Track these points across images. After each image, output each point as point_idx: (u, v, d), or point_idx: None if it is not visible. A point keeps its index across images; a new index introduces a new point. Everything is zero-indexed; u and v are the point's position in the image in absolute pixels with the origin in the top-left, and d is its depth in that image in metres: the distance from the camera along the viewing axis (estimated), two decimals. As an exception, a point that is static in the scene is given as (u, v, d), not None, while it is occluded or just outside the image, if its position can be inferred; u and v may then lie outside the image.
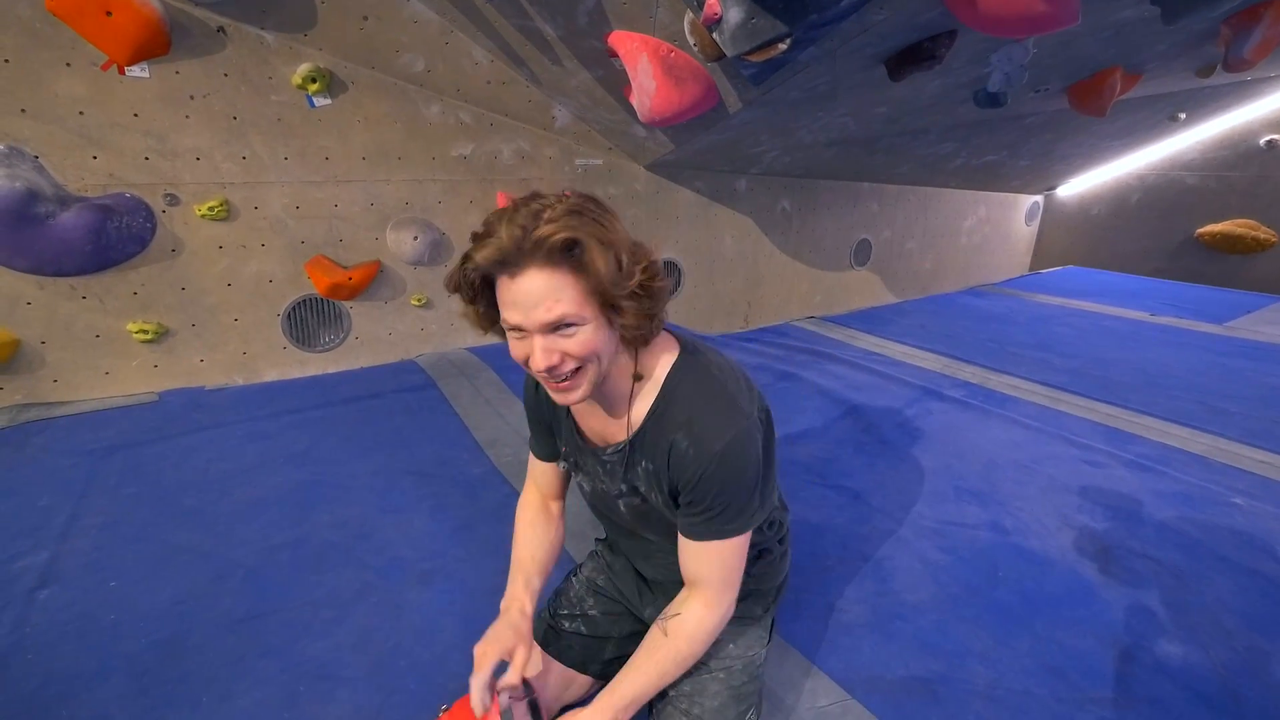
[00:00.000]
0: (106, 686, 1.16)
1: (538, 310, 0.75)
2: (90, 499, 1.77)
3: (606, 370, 0.83)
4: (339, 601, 1.40)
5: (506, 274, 0.75)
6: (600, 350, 0.80)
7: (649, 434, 0.89)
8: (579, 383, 0.81)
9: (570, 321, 0.76)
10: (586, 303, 0.76)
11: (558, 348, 0.77)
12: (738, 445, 0.85)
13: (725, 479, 0.85)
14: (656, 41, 2.17)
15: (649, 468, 0.91)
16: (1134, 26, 2.54)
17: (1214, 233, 5.29)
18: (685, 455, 0.85)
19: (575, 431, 1.00)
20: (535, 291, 0.74)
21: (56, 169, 2.17)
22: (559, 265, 0.74)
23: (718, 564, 0.90)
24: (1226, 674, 1.23)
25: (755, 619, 1.07)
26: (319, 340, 2.85)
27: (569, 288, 0.75)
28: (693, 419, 0.85)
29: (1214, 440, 2.24)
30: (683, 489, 0.87)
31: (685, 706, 0.95)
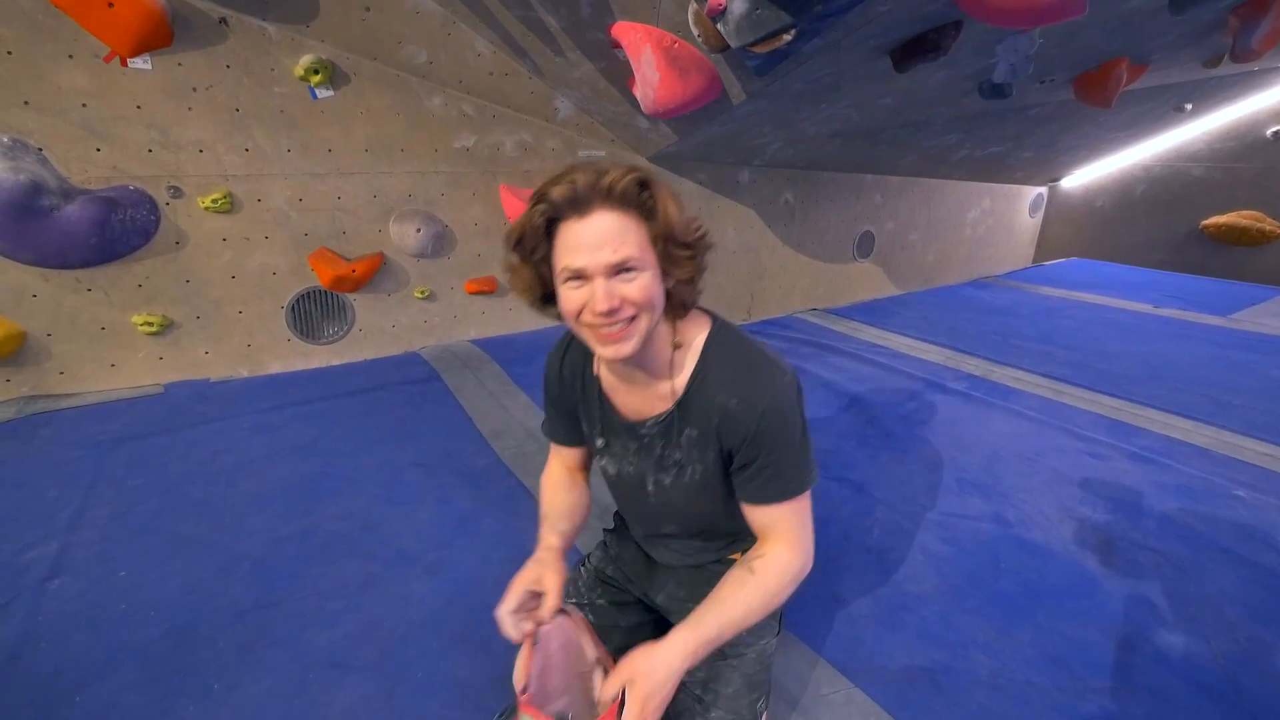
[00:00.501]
0: (118, 675, 1.18)
1: (603, 251, 0.78)
2: (98, 490, 1.78)
3: (654, 328, 0.85)
4: (346, 592, 1.42)
5: (575, 214, 0.79)
6: (655, 300, 0.83)
7: (693, 400, 0.91)
8: (633, 332, 0.82)
9: (632, 265, 0.79)
10: (648, 249, 0.81)
11: (618, 292, 0.79)
12: (783, 401, 0.89)
13: (776, 435, 0.88)
14: (660, 32, 2.15)
15: (693, 435, 0.92)
16: (1141, 17, 2.52)
17: (1219, 224, 5.26)
18: (735, 415, 0.87)
19: (608, 410, 1.00)
20: (603, 232, 0.78)
21: (60, 161, 2.17)
22: (628, 209, 0.79)
23: (787, 520, 0.92)
24: (1228, 665, 1.24)
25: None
26: (323, 332, 2.86)
27: (634, 231, 0.80)
28: (737, 379, 0.89)
29: (1217, 433, 2.24)
30: (737, 451, 0.90)
31: (699, 694, 0.96)
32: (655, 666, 0.82)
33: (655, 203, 0.81)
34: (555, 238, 0.81)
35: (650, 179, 0.81)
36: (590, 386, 1.01)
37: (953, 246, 5.73)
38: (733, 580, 0.91)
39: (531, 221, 0.81)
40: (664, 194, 0.82)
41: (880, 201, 4.93)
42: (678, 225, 0.82)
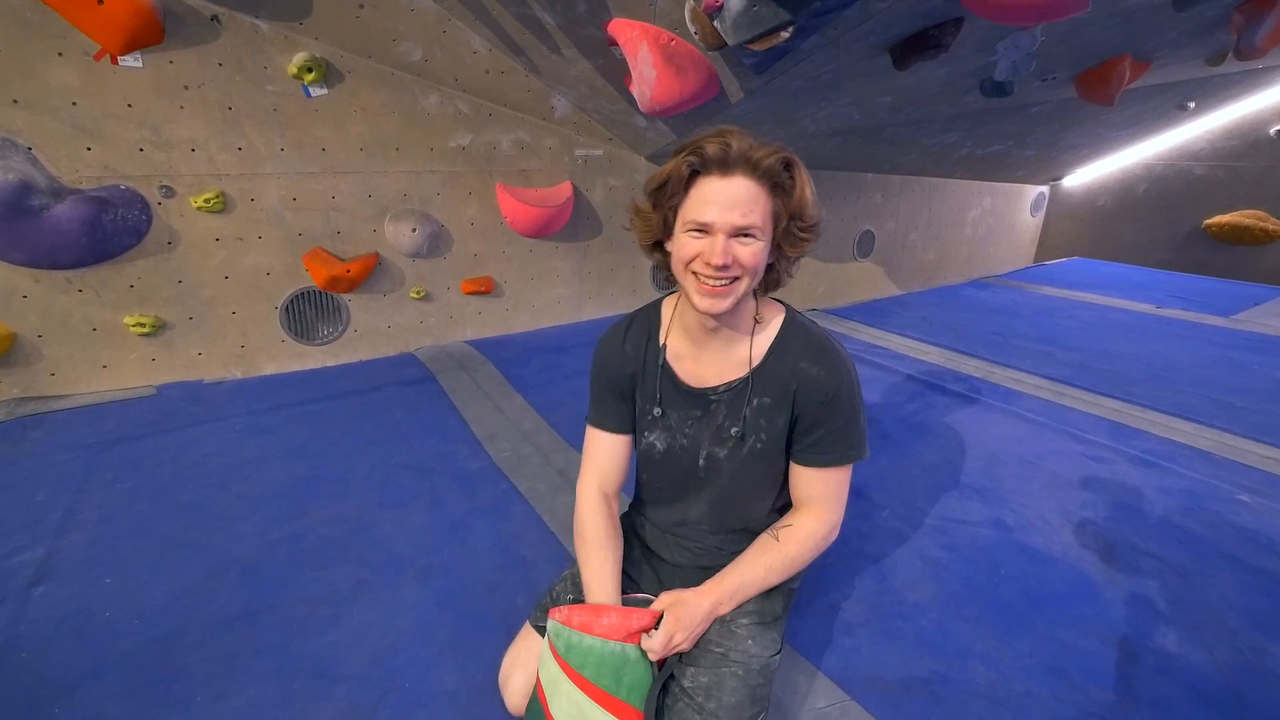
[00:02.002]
0: (101, 685, 1.16)
1: (734, 213, 0.88)
2: (87, 493, 1.76)
3: (748, 295, 0.96)
4: (336, 598, 1.39)
5: (719, 172, 0.88)
6: (758, 269, 0.93)
7: (771, 367, 1.01)
8: (732, 291, 0.92)
9: (753, 233, 0.89)
10: (769, 223, 0.92)
11: (733, 251, 0.89)
12: (853, 375, 1.02)
13: (848, 403, 1.00)
14: (657, 30, 2.13)
15: (765, 402, 1.01)
16: (1144, 13, 2.49)
17: (1222, 224, 5.23)
18: (818, 380, 0.98)
19: (672, 378, 1.07)
20: (739, 195, 0.88)
21: (50, 161, 2.14)
22: (765, 182, 0.89)
23: (832, 485, 1.04)
24: (1230, 674, 1.21)
25: (775, 619, 1.07)
26: (317, 333, 2.83)
27: (764, 203, 0.90)
28: (817, 351, 1.00)
29: (1220, 435, 2.21)
30: (808, 414, 1.00)
31: (702, 701, 0.94)
32: (688, 600, 0.97)
33: (794, 184, 0.91)
34: (691, 189, 0.91)
35: (795, 161, 0.91)
36: (654, 356, 1.08)
37: (953, 246, 5.71)
38: (758, 545, 1.05)
39: (679, 170, 0.90)
40: (802, 178, 0.91)
41: (880, 200, 4.90)
42: (808, 207, 0.92)
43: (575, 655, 0.92)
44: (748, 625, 1.02)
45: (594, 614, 0.95)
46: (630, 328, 1.12)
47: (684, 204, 0.92)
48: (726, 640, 1.00)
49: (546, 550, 1.56)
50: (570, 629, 0.94)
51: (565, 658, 0.93)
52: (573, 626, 0.94)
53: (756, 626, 1.03)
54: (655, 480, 1.16)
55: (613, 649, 0.92)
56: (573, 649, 0.93)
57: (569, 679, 0.91)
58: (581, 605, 0.98)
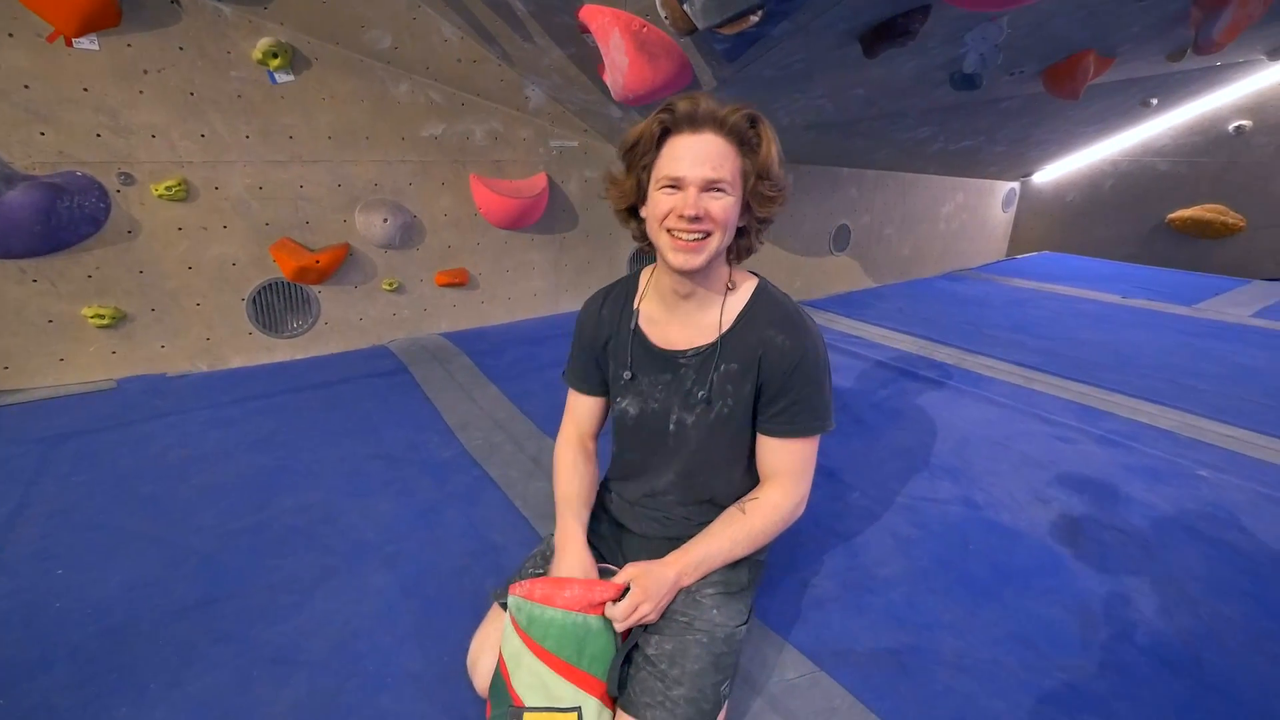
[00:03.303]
0: (49, 675, 1.11)
1: (703, 167, 0.91)
2: (40, 487, 1.70)
3: (720, 253, 0.98)
4: (299, 586, 1.36)
5: (689, 129, 0.92)
6: (730, 224, 0.96)
7: (739, 334, 1.03)
8: (704, 248, 0.95)
9: (722, 187, 0.93)
10: (739, 180, 0.95)
11: (705, 205, 0.92)
12: (820, 347, 1.03)
13: (812, 374, 1.01)
14: (628, 16, 2.12)
15: (732, 368, 1.03)
16: (1107, 7, 2.55)
17: (1185, 218, 5.37)
18: (783, 348, 1.00)
19: (644, 341, 1.09)
20: (708, 151, 0.92)
21: (1, 146, 2.07)
22: (733, 139, 0.93)
23: (797, 458, 1.04)
24: (1190, 640, 1.24)
25: (741, 589, 1.08)
26: (286, 326, 2.78)
27: (732, 160, 0.93)
28: (784, 320, 1.02)
29: (1182, 416, 2.27)
30: (774, 382, 1.01)
31: (665, 668, 0.93)
32: (653, 571, 0.98)
33: (759, 140, 0.94)
34: (663, 148, 0.94)
35: (760, 118, 0.94)
36: (628, 320, 1.11)
37: (927, 240, 5.78)
38: (724, 518, 1.06)
39: (650, 128, 0.94)
40: (768, 135, 0.94)
41: (856, 195, 4.95)
42: (774, 165, 0.95)
43: (537, 628, 0.91)
44: (713, 595, 1.02)
45: (556, 586, 0.94)
46: (610, 294, 1.17)
47: (656, 162, 0.96)
48: (691, 609, 1.00)
49: (518, 534, 1.54)
50: (532, 602, 0.92)
51: (527, 630, 0.91)
52: (534, 599, 0.92)
53: (722, 596, 1.03)
54: (627, 450, 1.17)
55: (575, 620, 0.91)
56: (534, 621, 0.91)
57: (531, 652, 0.90)
58: (544, 579, 0.96)
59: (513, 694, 0.89)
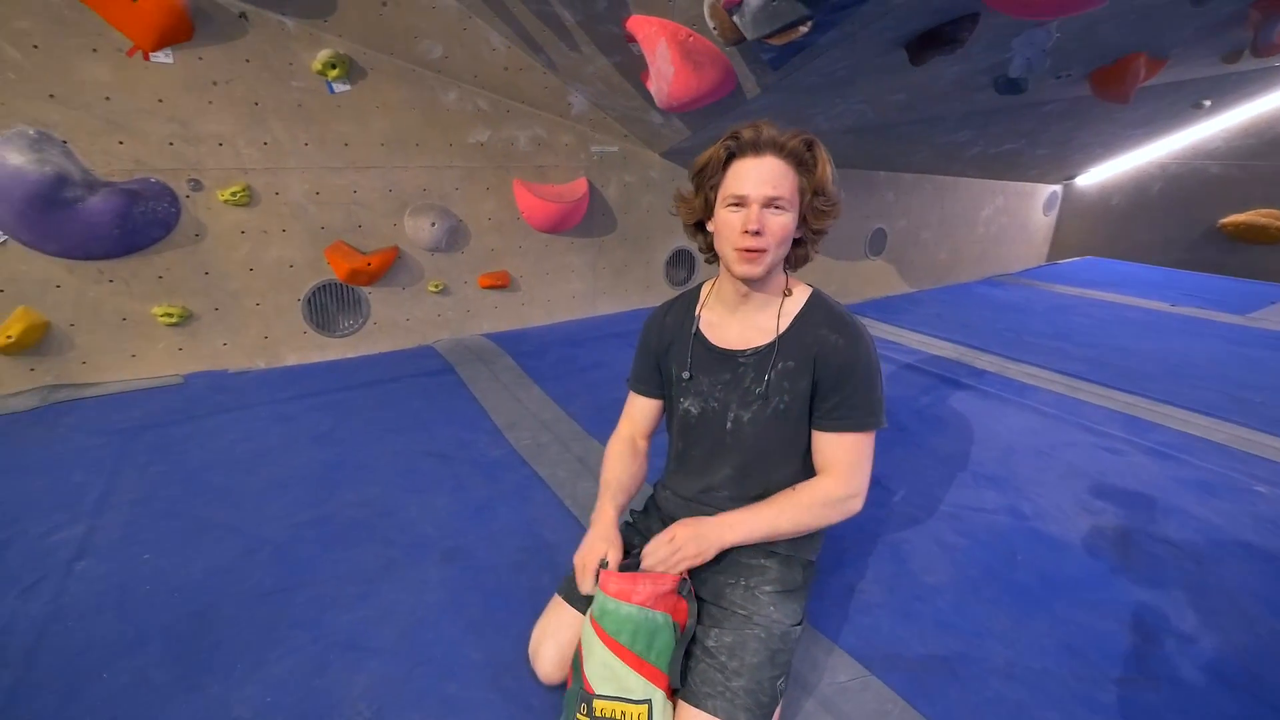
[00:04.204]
0: (145, 653, 1.20)
1: (765, 185, 1.01)
2: (121, 476, 1.81)
3: (778, 263, 1.08)
4: (364, 577, 1.43)
5: (753, 154, 1.02)
6: (786, 239, 1.06)
7: (795, 334, 1.11)
8: (764, 259, 1.04)
9: (781, 205, 1.02)
10: (796, 198, 1.04)
11: (765, 220, 1.03)
12: (872, 347, 1.10)
13: (866, 370, 1.08)
14: (675, 26, 2.16)
15: (788, 366, 1.10)
16: (1160, 10, 2.50)
17: (1237, 223, 5.20)
18: (836, 346, 1.08)
19: (705, 344, 1.17)
20: (769, 171, 1.02)
21: (84, 154, 2.20)
22: (791, 162, 1.03)
23: (852, 451, 1.10)
24: (1247, 656, 1.23)
25: (796, 588, 1.12)
26: (338, 325, 2.88)
27: (791, 180, 1.03)
28: (838, 322, 1.10)
29: (1236, 429, 2.22)
30: (828, 379, 1.08)
31: (725, 660, 0.98)
32: (699, 521, 1.08)
33: (815, 161, 1.04)
34: (728, 170, 1.04)
35: (816, 141, 1.04)
36: (689, 325, 1.20)
37: (966, 244, 5.70)
38: (775, 497, 1.12)
39: (717, 153, 1.05)
40: (823, 156, 1.04)
41: (892, 199, 4.91)
42: (828, 183, 1.05)
43: (610, 621, 0.96)
44: (770, 592, 1.08)
45: (630, 582, 0.99)
46: (674, 304, 1.27)
47: (723, 183, 1.06)
48: (750, 604, 1.05)
49: (569, 534, 1.59)
50: (606, 595, 0.98)
51: (600, 622, 0.96)
52: (609, 593, 0.98)
53: (779, 595, 1.09)
54: (689, 448, 1.22)
55: (647, 616, 0.96)
56: (607, 615, 0.96)
57: (603, 643, 0.95)
58: (618, 573, 1.01)
59: (585, 679, 0.94)
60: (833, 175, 1.06)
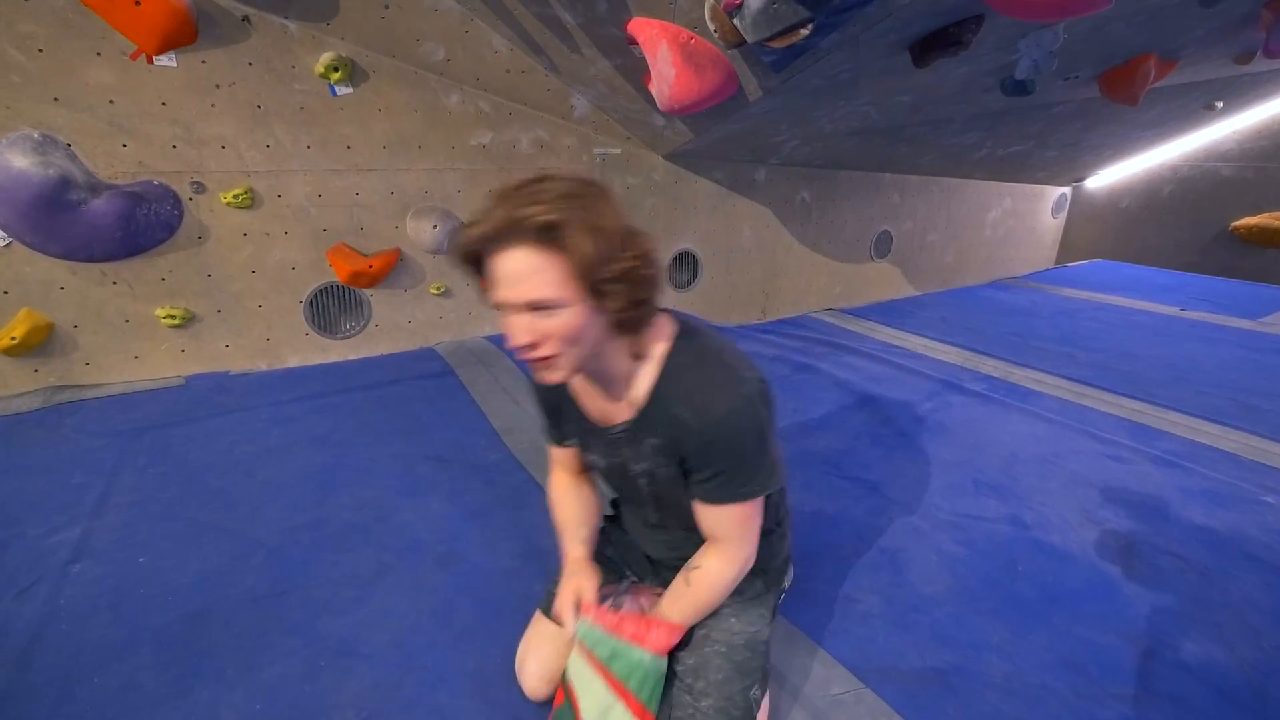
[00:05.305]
0: (137, 657, 1.20)
1: (518, 288, 0.77)
2: (120, 477, 1.82)
3: (594, 353, 0.85)
4: (359, 581, 1.43)
5: (494, 251, 0.78)
6: (582, 335, 0.81)
7: (652, 411, 0.92)
8: (559, 364, 0.83)
9: (548, 305, 0.78)
10: (568, 285, 0.77)
11: (539, 328, 0.79)
12: (738, 412, 0.88)
13: (730, 444, 0.88)
14: (676, 28, 2.15)
15: (655, 443, 0.94)
16: (1170, 10, 2.46)
17: (1250, 226, 5.12)
18: (689, 426, 0.88)
19: (580, 412, 1.03)
20: (516, 270, 0.77)
21: (88, 156, 2.22)
22: (542, 246, 0.75)
23: (735, 525, 0.95)
24: (1253, 673, 1.20)
25: (757, 596, 1.09)
26: (340, 327, 2.89)
27: (551, 269, 0.76)
28: (693, 391, 0.88)
29: (1245, 437, 2.18)
30: (690, 458, 0.91)
31: (691, 681, 0.97)
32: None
33: (566, 241, 0.75)
34: (485, 268, 0.81)
35: (559, 219, 0.74)
36: (565, 388, 1.02)
37: (972, 247, 5.65)
38: (673, 592, 1.01)
39: (461, 253, 0.82)
40: (578, 233, 0.75)
41: (898, 201, 4.87)
42: (596, 261, 0.76)
43: (620, 664, 0.94)
44: (730, 604, 1.04)
45: (646, 627, 0.97)
46: None
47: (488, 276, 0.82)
48: (710, 620, 1.03)
49: (564, 539, 1.58)
50: (618, 639, 0.96)
51: (608, 664, 0.94)
52: (625, 636, 0.96)
53: (739, 604, 1.05)
54: (612, 487, 1.14)
55: (661, 664, 0.95)
56: (618, 657, 0.94)
57: (610, 687, 0.94)
58: (629, 615, 1.00)
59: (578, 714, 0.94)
60: (597, 253, 0.76)
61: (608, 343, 0.86)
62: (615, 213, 0.80)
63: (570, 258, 0.76)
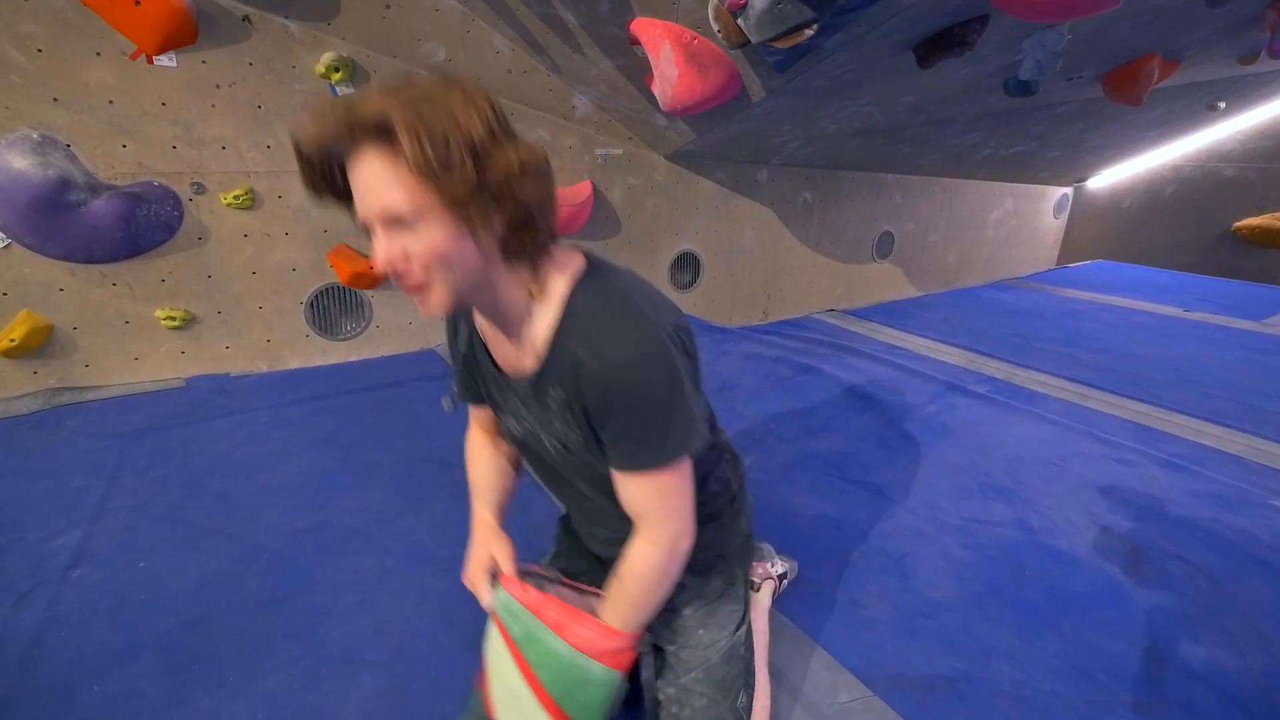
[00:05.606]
0: (137, 664, 1.19)
1: (366, 199, 0.66)
2: (120, 481, 1.81)
3: (478, 283, 0.73)
4: (361, 586, 1.42)
5: (345, 160, 0.67)
6: (453, 257, 0.68)
7: (553, 357, 0.79)
8: (433, 293, 0.70)
9: (401, 216, 0.65)
10: (418, 193, 0.64)
11: (399, 248, 0.67)
12: (644, 356, 0.74)
13: (634, 394, 0.75)
14: (680, 28, 2.14)
15: (559, 397, 0.80)
16: (1175, 11, 2.45)
17: (1253, 226, 5.11)
18: (589, 370, 0.75)
19: (491, 364, 0.89)
20: (363, 178, 0.66)
21: (87, 157, 2.20)
22: (383, 148, 0.64)
23: (654, 497, 0.81)
24: (1263, 680, 1.19)
25: (719, 595, 0.98)
26: (341, 328, 2.88)
27: (395, 174, 0.64)
28: (594, 332, 0.75)
29: (1250, 440, 2.17)
30: (596, 410, 0.77)
31: (675, 711, 0.94)
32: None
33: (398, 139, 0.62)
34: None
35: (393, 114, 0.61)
36: (476, 336, 0.90)
37: (974, 248, 5.64)
38: (609, 596, 0.87)
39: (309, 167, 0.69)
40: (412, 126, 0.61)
41: (900, 201, 4.86)
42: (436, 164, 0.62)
43: (533, 650, 0.84)
44: (693, 613, 0.97)
45: (572, 617, 0.84)
46: None
47: None
48: (678, 637, 0.96)
49: (567, 543, 1.57)
50: (536, 619, 0.84)
51: (521, 648, 0.85)
52: (544, 620, 0.84)
53: (703, 611, 0.97)
54: (532, 468, 1.02)
55: (578, 662, 0.82)
56: (532, 642, 0.84)
57: (520, 671, 0.84)
58: (558, 601, 0.87)
59: (487, 702, 0.89)
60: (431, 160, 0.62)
61: (498, 275, 0.74)
62: (477, 109, 0.65)
63: (406, 159, 0.63)
